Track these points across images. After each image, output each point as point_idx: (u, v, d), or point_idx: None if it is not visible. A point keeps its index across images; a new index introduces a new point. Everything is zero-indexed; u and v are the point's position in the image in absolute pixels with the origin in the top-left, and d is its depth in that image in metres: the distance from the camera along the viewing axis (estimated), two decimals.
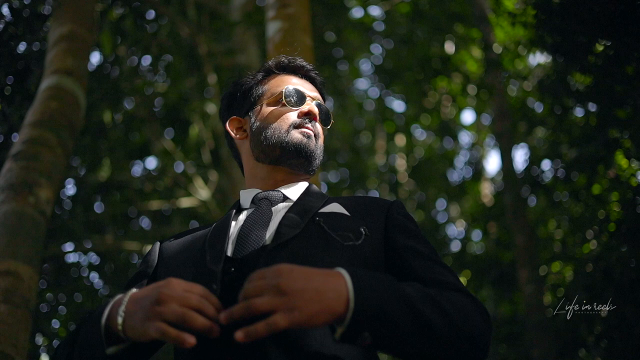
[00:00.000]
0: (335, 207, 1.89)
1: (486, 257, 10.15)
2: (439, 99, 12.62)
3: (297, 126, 2.02)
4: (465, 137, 14.59)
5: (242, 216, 1.93)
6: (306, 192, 2.00)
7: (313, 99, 2.11)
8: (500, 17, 9.49)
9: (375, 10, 12.75)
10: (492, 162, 31.16)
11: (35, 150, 4.12)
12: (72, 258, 9.24)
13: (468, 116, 22.12)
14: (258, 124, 2.06)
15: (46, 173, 4.08)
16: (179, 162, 9.02)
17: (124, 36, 6.92)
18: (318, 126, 2.07)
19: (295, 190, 2.01)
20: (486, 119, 13.47)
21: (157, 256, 1.97)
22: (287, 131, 2.00)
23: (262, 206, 1.92)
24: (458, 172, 13.87)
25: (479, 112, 13.53)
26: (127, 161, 8.87)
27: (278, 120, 2.03)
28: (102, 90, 6.96)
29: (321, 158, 2.08)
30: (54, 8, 5.05)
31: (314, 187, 2.06)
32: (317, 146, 2.05)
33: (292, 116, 2.04)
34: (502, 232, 10.27)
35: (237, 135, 2.13)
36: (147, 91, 8.45)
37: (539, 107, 9.88)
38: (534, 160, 8.73)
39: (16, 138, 4.84)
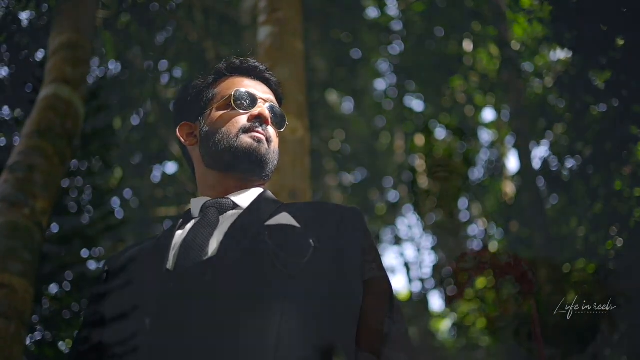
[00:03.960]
0: (284, 218, 1.80)
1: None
2: (456, 98, 12.49)
3: (246, 130, 1.93)
4: (485, 136, 14.45)
5: (189, 225, 1.86)
6: (257, 200, 1.92)
7: (266, 101, 2.01)
8: (517, 14, 9.38)
9: (391, 10, 12.66)
10: (513, 160, 30.86)
11: (31, 160, 4.10)
12: (92, 265, 9.29)
13: (488, 114, 21.90)
14: (207, 129, 1.96)
15: (42, 184, 4.06)
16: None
17: (130, 42, 6.92)
18: (270, 129, 1.98)
19: (245, 198, 1.93)
20: (506, 117, 13.30)
21: (105, 275, 1.91)
22: (237, 136, 1.91)
23: (208, 215, 1.85)
24: (478, 170, 13.73)
25: (498, 110, 13.38)
26: (140, 167, 8.88)
27: (227, 125, 1.93)
28: (105, 96, 6.96)
29: (275, 163, 1.99)
30: (53, 16, 5.05)
31: (268, 193, 1.98)
32: (270, 150, 1.96)
33: (242, 120, 1.94)
34: (522, 230, 10.14)
35: (187, 142, 2.04)
36: (156, 96, 8.46)
37: (560, 104, 9.76)
38: (552, 157, 8.62)
39: None
